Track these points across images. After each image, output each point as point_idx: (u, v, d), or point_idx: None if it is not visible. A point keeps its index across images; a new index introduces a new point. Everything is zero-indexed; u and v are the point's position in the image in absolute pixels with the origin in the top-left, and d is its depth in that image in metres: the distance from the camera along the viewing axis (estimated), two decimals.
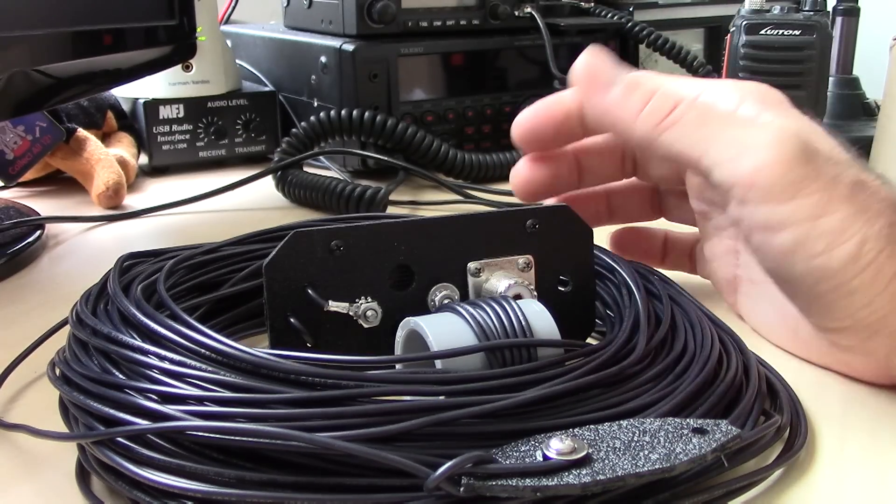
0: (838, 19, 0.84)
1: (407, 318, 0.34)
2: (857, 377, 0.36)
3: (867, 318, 0.32)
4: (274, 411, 0.27)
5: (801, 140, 0.32)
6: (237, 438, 0.26)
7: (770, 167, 0.32)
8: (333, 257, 0.34)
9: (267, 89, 0.81)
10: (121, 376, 0.30)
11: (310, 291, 0.34)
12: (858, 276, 0.31)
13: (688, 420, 0.28)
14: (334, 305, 0.34)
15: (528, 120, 0.41)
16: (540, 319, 0.34)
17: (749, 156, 0.32)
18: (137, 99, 0.76)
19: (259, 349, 0.29)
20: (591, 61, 0.37)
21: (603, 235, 0.41)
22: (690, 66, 0.81)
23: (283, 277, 0.34)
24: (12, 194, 0.69)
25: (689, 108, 0.34)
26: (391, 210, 0.63)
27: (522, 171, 0.43)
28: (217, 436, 0.26)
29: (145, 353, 0.30)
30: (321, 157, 0.74)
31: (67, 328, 0.35)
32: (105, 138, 0.75)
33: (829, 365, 0.36)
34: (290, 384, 0.28)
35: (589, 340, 0.39)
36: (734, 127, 0.33)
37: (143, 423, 0.27)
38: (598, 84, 0.37)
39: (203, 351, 0.30)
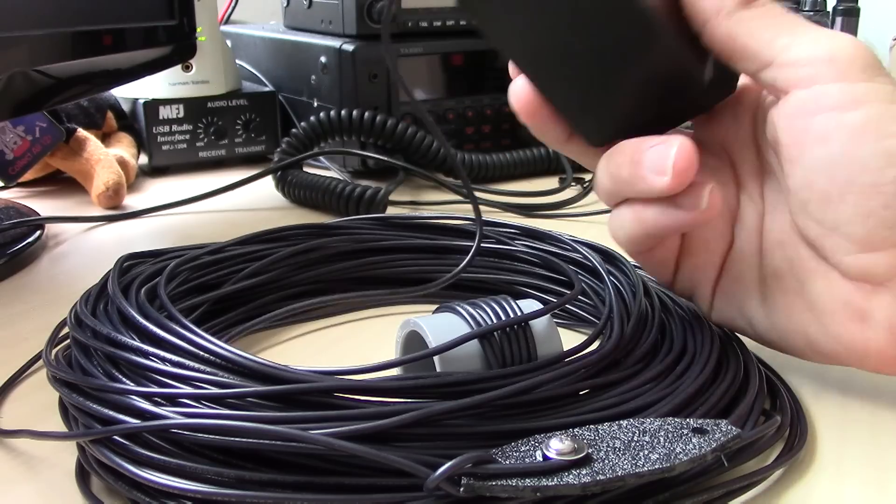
0: (838, 19, 0.84)
1: (407, 319, 0.34)
2: (874, 355, 0.33)
3: (882, 212, 0.31)
4: (271, 414, 0.27)
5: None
6: (237, 439, 0.26)
7: (851, 48, 0.32)
8: None
9: (267, 89, 0.81)
10: (121, 377, 0.30)
11: None
12: (883, 131, 0.30)
13: (688, 420, 0.28)
14: None
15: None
16: (540, 319, 0.34)
17: (828, 39, 0.32)
18: (137, 99, 0.76)
19: (252, 353, 0.29)
20: None
21: (604, 236, 0.41)
22: None
23: None
24: (12, 194, 0.69)
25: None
26: (391, 211, 0.63)
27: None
28: (218, 436, 0.26)
29: (145, 354, 0.30)
30: (321, 158, 0.74)
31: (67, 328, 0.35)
32: (105, 138, 0.75)
33: (847, 340, 0.35)
34: (281, 383, 0.28)
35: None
36: (809, 27, 0.33)
37: (137, 422, 0.27)
38: None
39: (200, 353, 0.30)
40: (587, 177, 0.68)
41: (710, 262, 0.37)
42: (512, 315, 0.33)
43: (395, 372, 0.35)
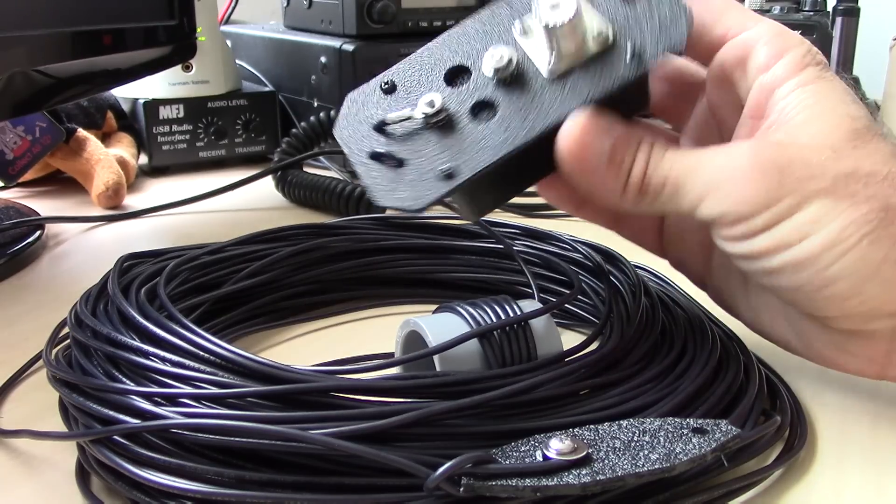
0: (838, 19, 0.84)
1: (407, 319, 0.34)
2: (861, 374, 0.35)
3: (859, 308, 0.31)
4: (271, 414, 0.27)
5: (772, 162, 0.30)
6: (237, 439, 0.26)
7: (741, 197, 0.30)
8: (387, 93, 0.34)
9: (267, 89, 0.81)
10: (121, 377, 0.30)
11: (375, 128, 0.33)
12: (838, 261, 0.30)
13: (688, 420, 0.28)
14: (394, 115, 0.33)
15: None
16: (540, 319, 0.34)
17: (721, 198, 0.31)
18: (137, 99, 0.76)
19: (252, 353, 0.29)
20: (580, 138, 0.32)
21: (604, 236, 0.41)
22: None
23: (350, 133, 0.33)
24: (12, 194, 0.69)
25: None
26: (391, 211, 0.63)
27: None
28: (218, 436, 0.26)
29: (145, 354, 0.30)
30: (321, 157, 0.74)
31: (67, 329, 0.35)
32: (105, 138, 0.75)
33: (831, 362, 0.35)
34: (280, 383, 0.28)
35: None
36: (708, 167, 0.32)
37: (137, 422, 0.27)
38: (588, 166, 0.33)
39: (200, 353, 0.30)
40: None
41: (693, 239, 0.37)
42: (512, 315, 0.33)
43: (395, 371, 0.35)
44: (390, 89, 0.34)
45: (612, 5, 0.32)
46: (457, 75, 0.33)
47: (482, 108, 0.32)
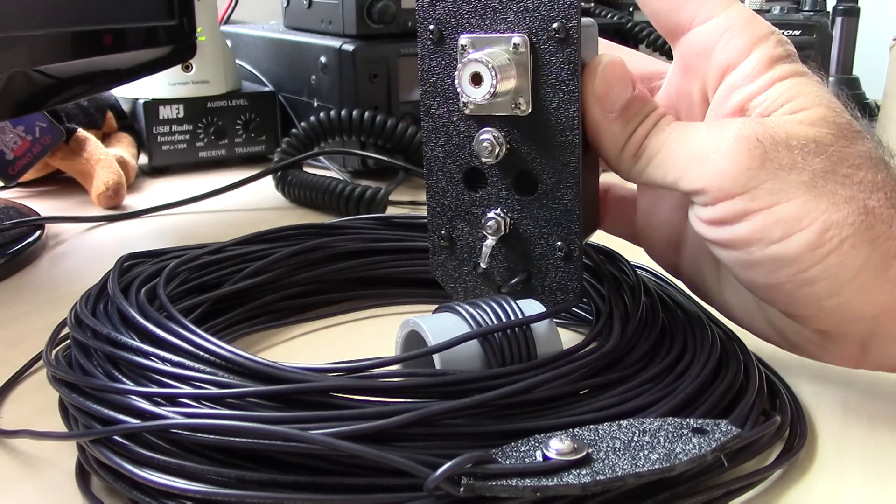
0: (838, 19, 0.84)
1: (407, 319, 0.34)
2: (832, 363, 0.35)
3: (836, 309, 0.31)
4: (271, 414, 0.27)
5: (756, 143, 0.30)
6: (237, 439, 0.26)
7: (722, 171, 0.30)
8: None
9: (267, 89, 0.81)
10: (121, 377, 0.30)
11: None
12: (818, 264, 0.29)
13: (688, 420, 0.28)
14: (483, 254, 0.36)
15: None
16: (539, 318, 0.34)
17: (703, 165, 0.31)
18: (137, 99, 0.76)
19: (252, 353, 0.29)
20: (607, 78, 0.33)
21: (604, 236, 0.41)
22: None
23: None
24: (12, 194, 0.69)
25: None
26: (391, 210, 0.63)
27: None
28: (218, 436, 0.26)
29: (145, 354, 0.30)
30: (321, 157, 0.74)
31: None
32: (105, 138, 0.75)
33: (803, 351, 0.35)
34: (280, 383, 0.28)
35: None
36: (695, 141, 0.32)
37: (137, 422, 0.27)
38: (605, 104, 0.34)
39: (200, 353, 0.30)
40: None
41: (665, 223, 0.37)
42: (512, 315, 0.33)
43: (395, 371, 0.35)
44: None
45: None
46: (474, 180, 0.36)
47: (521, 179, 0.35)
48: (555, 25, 0.32)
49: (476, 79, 0.32)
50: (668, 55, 0.81)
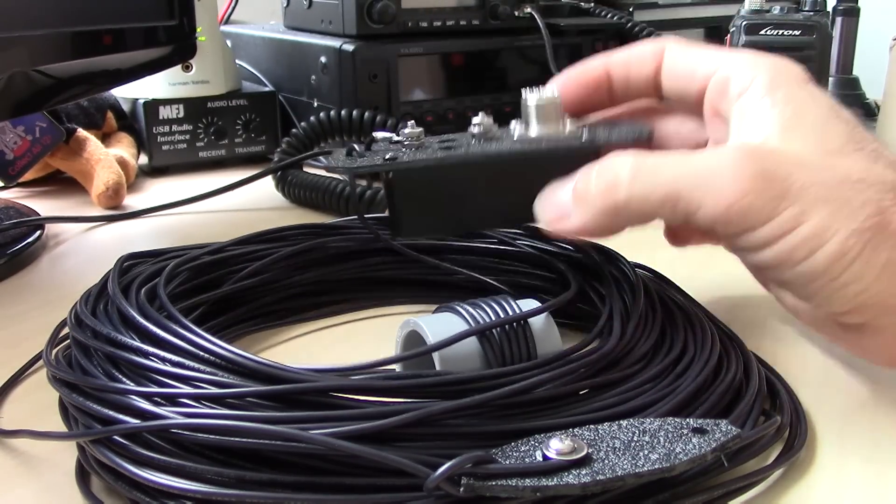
0: (838, 19, 0.84)
1: (407, 319, 0.34)
2: (871, 359, 0.36)
3: (869, 301, 0.32)
4: (271, 414, 0.27)
5: (758, 162, 0.31)
6: (237, 439, 0.26)
7: (736, 202, 0.31)
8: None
9: (267, 89, 0.81)
10: (121, 377, 0.30)
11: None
12: (847, 269, 0.31)
13: (688, 420, 0.28)
14: (380, 134, 0.39)
15: (557, 84, 0.40)
16: (539, 318, 0.34)
17: (714, 196, 0.31)
18: (137, 99, 0.76)
19: (252, 353, 0.29)
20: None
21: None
22: None
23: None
24: (12, 194, 0.69)
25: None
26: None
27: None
28: (218, 436, 0.26)
29: (145, 354, 0.30)
30: (321, 157, 0.74)
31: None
32: (105, 138, 0.75)
33: (841, 345, 0.36)
34: (280, 383, 0.28)
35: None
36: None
37: (137, 421, 0.27)
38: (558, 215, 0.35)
39: (200, 353, 0.30)
40: None
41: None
42: (512, 315, 0.33)
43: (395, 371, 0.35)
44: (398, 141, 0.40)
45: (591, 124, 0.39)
46: (447, 141, 0.39)
47: (451, 145, 0.38)
48: None
49: None
50: None
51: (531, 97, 0.37)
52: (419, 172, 0.36)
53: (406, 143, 0.38)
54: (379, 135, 0.39)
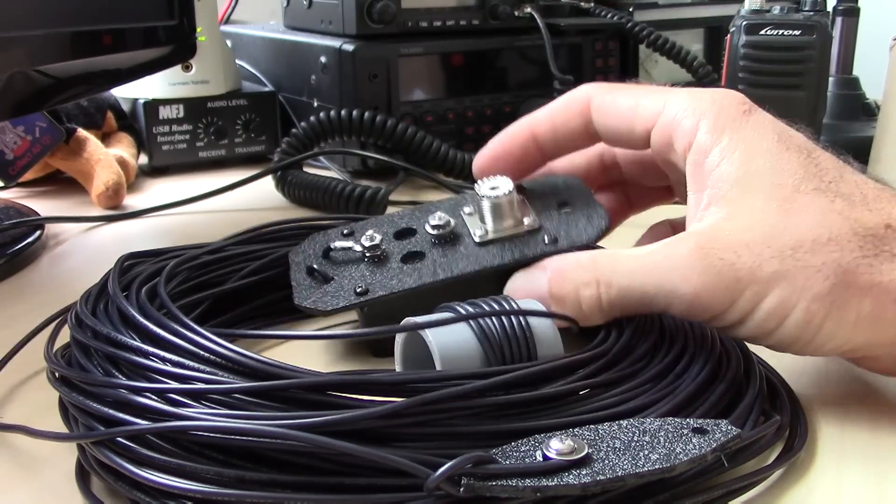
0: (838, 19, 0.84)
1: (406, 319, 0.34)
2: (874, 372, 0.36)
3: (854, 348, 0.32)
4: (271, 413, 0.27)
5: (705, 258, 0.32)
6: (239, 438, 0.26)
7: (695, 298, 0.32)
8: (346, 236, 0.42)
9: (267, 89, 0.81)
10: (121, 377, 0.30)
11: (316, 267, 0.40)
12: (819, 332, 0.31)
13: (688, 420, 0.28)
14: (339, 243, 0.40)
15: (485, 159, 0.41)
16: (539, 317, 0.34)
17: (677, 295, 0.32)
18: (137, 99, 0.76)
19: (253, 351, 0.29)
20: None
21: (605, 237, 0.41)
22: (690, 67, 0.81)
23: (304, 254, 0.41)
24: (12, 194, 0.69)
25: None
26: (391, 210, 0.63)
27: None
28: (218, 436, 0.26)
29: (145, 354, 0.30)
30: (321, 157, 0.74)
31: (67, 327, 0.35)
32: (105, 138, 0.75)
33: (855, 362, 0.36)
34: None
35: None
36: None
37: (143, 423, 0.27)
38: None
39: (201, 352, 0.30)
40: None
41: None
42: (510, 308, 0.33)
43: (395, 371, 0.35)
44: (349, 234, 0.41)
45: (547, 209, 0.39)
46: (406, 235, 0.40)
47: (414, 257, 0.39)
48: None
49: None
50: (668, 55, 0.81)
51: (486, 195, 0.38)
52: (390, 298, 0.37)
53: (367, 255, 0.39)
54: (337, 244, 0.40)
